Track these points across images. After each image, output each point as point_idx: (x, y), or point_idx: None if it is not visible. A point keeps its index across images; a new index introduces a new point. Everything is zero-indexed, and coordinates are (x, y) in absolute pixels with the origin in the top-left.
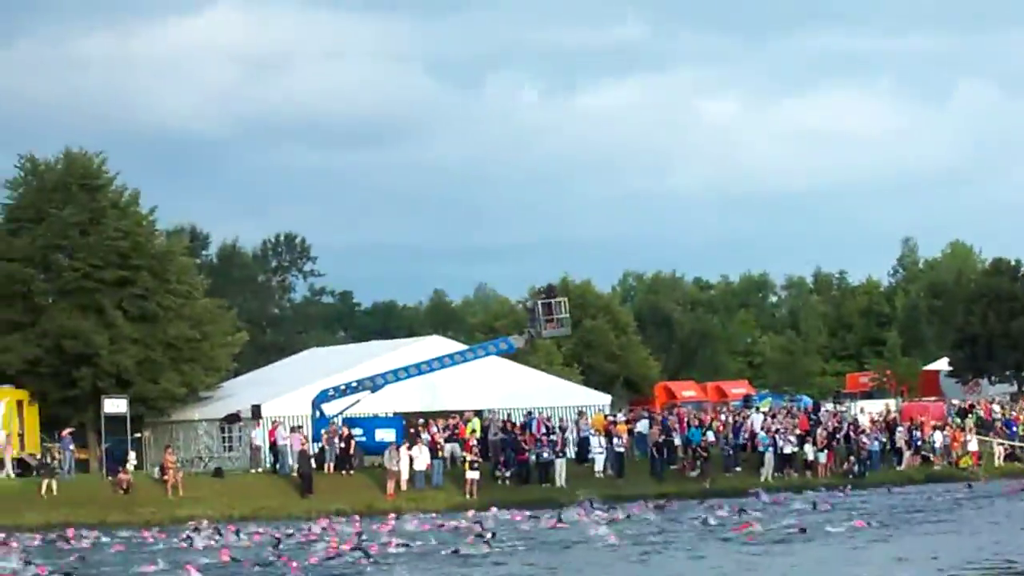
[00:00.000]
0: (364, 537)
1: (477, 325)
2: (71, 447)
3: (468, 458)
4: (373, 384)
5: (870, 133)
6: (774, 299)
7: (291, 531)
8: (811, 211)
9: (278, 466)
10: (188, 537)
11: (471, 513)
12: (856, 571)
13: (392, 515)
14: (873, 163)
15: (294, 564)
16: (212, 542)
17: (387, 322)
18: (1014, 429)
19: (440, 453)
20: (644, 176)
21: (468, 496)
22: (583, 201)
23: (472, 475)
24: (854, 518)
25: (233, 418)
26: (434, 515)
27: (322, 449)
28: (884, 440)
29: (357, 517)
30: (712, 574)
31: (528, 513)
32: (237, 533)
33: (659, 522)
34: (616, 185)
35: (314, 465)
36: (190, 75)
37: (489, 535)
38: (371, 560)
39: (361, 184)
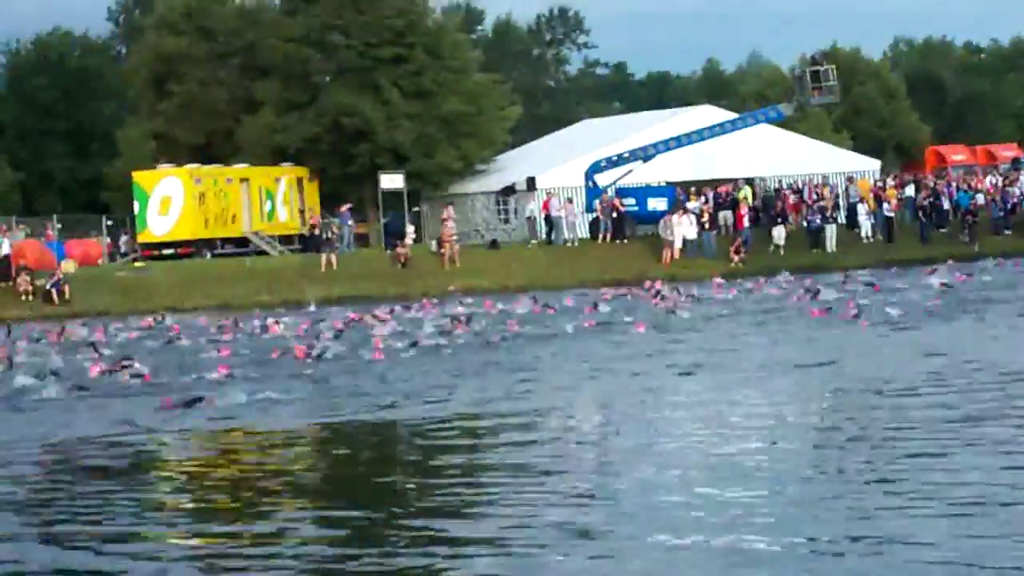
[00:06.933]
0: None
1: (749, 94)
2: (350, 222)
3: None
4: (645, 154)
5: None
6: None
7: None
8: None
9: (553, 237)
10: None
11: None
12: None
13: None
14: None
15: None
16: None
17: (660, 92)
18: None
19: (707, 226)
20: None
21: (736, 265)
22: None
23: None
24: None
25: (509, 190)
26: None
27: (596, 219)
28: None
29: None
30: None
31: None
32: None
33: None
34: None
35: (588, 235)
36: None
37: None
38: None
39: None
